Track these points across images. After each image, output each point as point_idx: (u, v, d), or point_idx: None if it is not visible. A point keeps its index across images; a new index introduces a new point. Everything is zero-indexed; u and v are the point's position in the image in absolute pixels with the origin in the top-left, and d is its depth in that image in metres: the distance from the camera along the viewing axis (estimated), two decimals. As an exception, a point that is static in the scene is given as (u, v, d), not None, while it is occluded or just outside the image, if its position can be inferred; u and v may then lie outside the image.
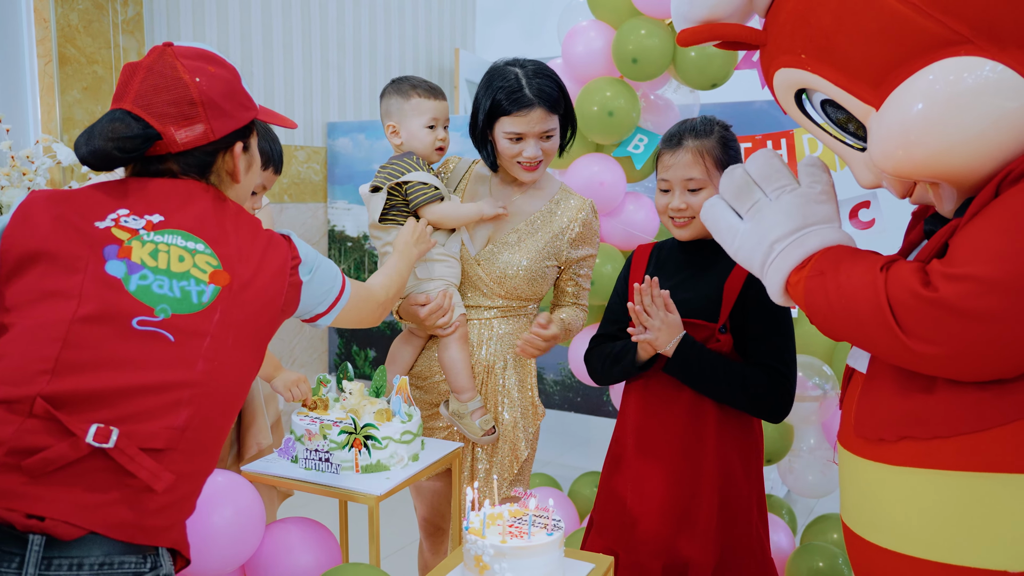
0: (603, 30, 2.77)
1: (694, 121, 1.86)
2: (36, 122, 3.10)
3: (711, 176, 1.80)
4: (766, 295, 1.74)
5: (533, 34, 4.94)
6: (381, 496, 1.58)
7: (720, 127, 1.86)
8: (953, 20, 1.06)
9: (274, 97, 4.05)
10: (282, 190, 4.11)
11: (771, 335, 1.76)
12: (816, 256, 1.23)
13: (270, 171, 2.01)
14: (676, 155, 1.81)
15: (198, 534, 1.59)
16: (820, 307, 1.20)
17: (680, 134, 1.83)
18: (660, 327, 1.72)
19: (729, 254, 1.35)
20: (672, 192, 1.82)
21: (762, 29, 1.29)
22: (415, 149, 2.07)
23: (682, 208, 1.80)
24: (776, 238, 1.26)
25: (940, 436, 1.13)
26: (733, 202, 1.33)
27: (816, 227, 1.25)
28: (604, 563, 1.52)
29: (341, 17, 4.38)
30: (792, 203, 1.27)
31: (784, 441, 2.74)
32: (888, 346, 1.11)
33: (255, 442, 2.03)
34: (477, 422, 2.01)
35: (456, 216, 2.03)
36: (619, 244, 2.91)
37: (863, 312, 1.12)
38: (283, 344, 4.18)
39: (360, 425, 1.66)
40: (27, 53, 3.07)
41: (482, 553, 1.36)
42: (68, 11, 3.06)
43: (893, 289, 1.09)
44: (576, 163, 2.82)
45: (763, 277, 1.31)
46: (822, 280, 1.19)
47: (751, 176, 1.31)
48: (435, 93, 2.07)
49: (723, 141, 1.83)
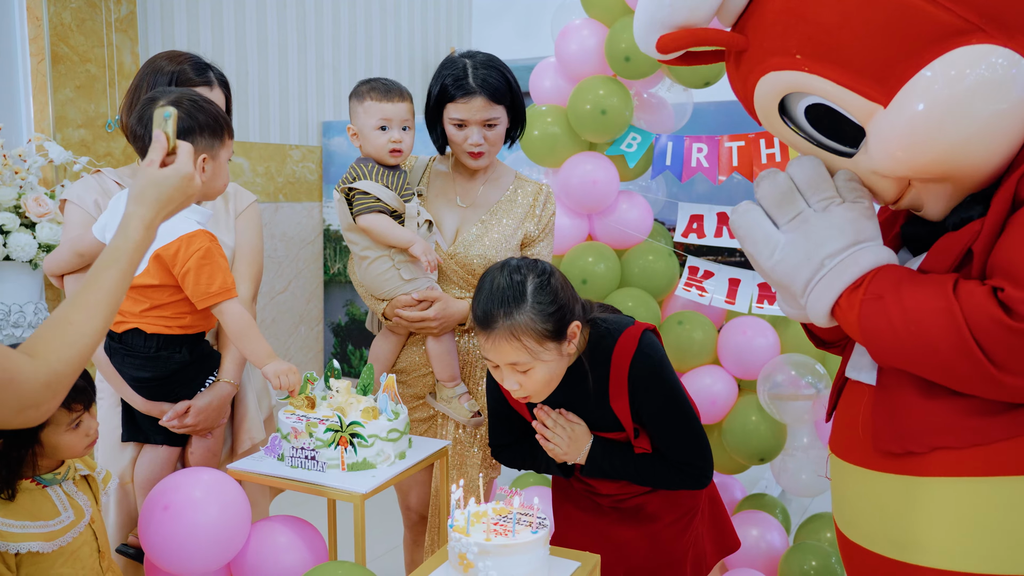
0: (596, 28, 2.77)
1: (501, 284, 1.58)
2: (29, 121, 3.10)
3: (536, 354, 1.57)
4: (651, 398, 1.70)
5: (529, 33, 4.93)
6: (366, 494, 1.58)
7: (533, 285, 1.58)
8: (963, 8, 1.04)
9: (269, 96, 4.05)
10: (277, 189, 4.10)
11: (673, 433, 1.73)
12: (870, 277, 1.14)
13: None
14: (490, 339, 1.57)
15: (183, 532, 1.59)
16: (882, 333, 1.12)
17: (488, 311, 1.57)
18: (569, 444, 1.72)
19: (762, 268, 1.24)
20: (500, 370, 1.62)
21: (735, 33, 1.23)
22: (370, 153, 2.09)
23: (517, 388, 1.62)
24: (828, 254, 1.17)
25: (976, 444, 1.10)
26: (773, 209, 1.22)
27: (868, 244, 1.17)
28: (590, 561, 1.51)
29: (336, 16, 4.38)
30: (844, 217, 1.17)
31: (777, 440, 2.74)
32: (971, 377, 1.06)
33: (248, 437, 2.04)
34: (465, 405, 2.11)
35: (387, 236, 2.04)
36: (613, 243, 2.90)
37: (939, 341, 1.05)
38: (278, 343, 4.17)
39: (346, 423, 1.65)
40: (20, 51, 3.07)
41: (466, 551, 1.36)
42: (61, 9, 3.06)
43: (973, 316, 1.03)
44: (569, 162, 2.81)
45: (804, 295, 1.20)
46: (882, 304, 1.11)
47: (795, 183, 1.22)
48: (389, 95, 2.06)
49: (539, 306, 1.56)
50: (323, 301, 4.41)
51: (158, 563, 1.62)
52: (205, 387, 1.92)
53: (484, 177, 2.22)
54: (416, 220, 2.08)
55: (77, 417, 1.53)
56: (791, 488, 2.86)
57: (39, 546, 1.45)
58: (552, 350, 1.59)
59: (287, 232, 4.16)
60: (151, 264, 1.74)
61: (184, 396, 1.89)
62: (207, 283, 1.73)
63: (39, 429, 1.48)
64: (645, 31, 1.26)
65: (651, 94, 2.90)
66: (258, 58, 3.97)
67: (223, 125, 1.73)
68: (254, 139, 3.98)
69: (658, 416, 1.71)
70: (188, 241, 1.73)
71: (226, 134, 1.75)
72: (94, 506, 1.61)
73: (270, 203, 4.07)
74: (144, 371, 1.84)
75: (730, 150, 2.73)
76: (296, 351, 4.29)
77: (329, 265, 4.36)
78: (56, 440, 1.50)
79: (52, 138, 3.07)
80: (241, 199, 2.12)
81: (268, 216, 4.06)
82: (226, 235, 2.05)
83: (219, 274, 1.75)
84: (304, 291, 4.31)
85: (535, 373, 1.59)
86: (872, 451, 1.22)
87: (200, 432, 1.93)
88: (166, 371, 1.84)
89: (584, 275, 2.75)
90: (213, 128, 1.71)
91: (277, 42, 4.06)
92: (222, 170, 1.75)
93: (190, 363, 1.88)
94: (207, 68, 2.02)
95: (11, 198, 2.80)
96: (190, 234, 1.74)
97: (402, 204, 2.08)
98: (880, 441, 1.20)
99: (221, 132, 1.73)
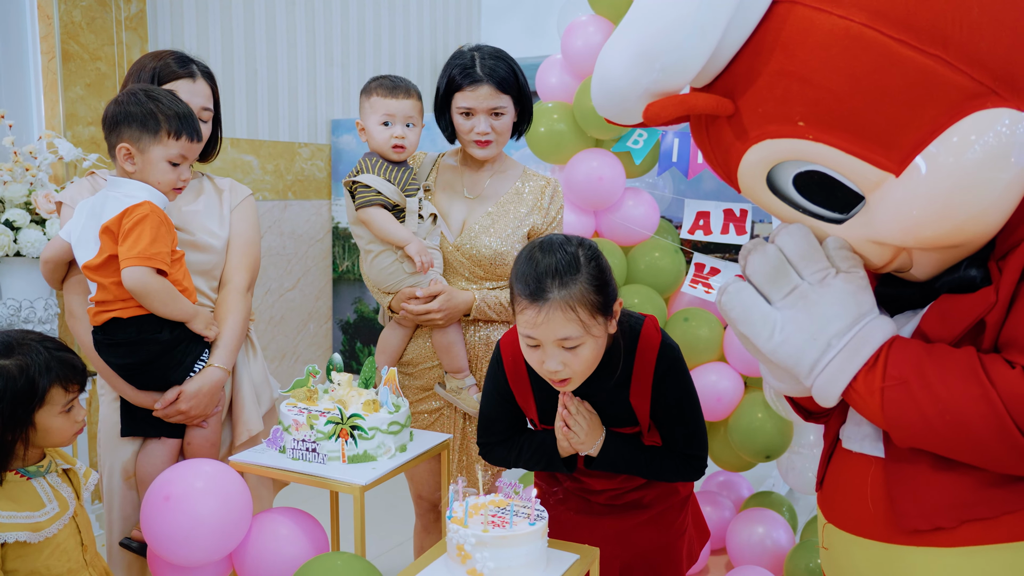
0: (602, 25, 2.77)
1: (555, 257, 1.52)
2: (39, 118, 3.12)
3: (589, 327, 1.51)
4: (671, 390, 1.68)
5: (537, 31, 4.93)
6: (366, 486, 1.58)
7: (586, 257, 1.55)
8: (979, 71, 0.98)
9: (278, 94, 4.07)
10: (286, 187, 4.12)
11: (687, 425, 1.73)
12: (884, 356, 1.08)
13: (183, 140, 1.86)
14: (542, 312, 1.49)
15: (185, 523, 1.60)
16: (911, 422, 1.06)
17: (541, 282, 1.50)
18: (586, 435, 1.69)
19: (760, 351, 1.16)
20: (543, 349, 1.54)
21: (715, 96, 1.10)
22: (375, 148, 2.13)
23: (559, 370, 1.54)
24: (835, 332, 1.09)
25: (1008, 512, 1.07)
26: (765, 286, 1.14)
27: (871, 316, 1.10)
28: (590, 554, 1.51)
29: (345, 14, 4.40)
30: (844, 290, 1.10)
31: (783, 438, 2.73)
32: (1010, 459, 1.03)
33: (245, 429, 2.04)
34: (475, 397, 2.14)
35: (384, 231, 2.07)
36: (619, 240, 2.90)
37: (979, 429, 1.01)
38: (287, 340, 4.19)
39: (347, 416, 1.66)
40: (31, 49, 3.10)
41: (464, 542, 1.36)
42: (71, 8, 3.09)
43: (1013, 402, 0.99)
44: (575, 158, 2.82)
45: (810, 377, 1.12)
46: (908, 391, 1.05)
47: (786, 255, 1.13)
48: (394, 91, 2.10)
49: (592, 277, 1.52)
50: (332, 298, 4.43)
51: (160, 553, 1.63)
52: (195, 372, 1.92)
53: (491, 169, 2.24)
54: (417, 214, 2.10)
55: (72, 399, 1.55)
56: (798, 486, 2.85)
57: (26, 536, 1.46)
58: (601, 325, 1.54)
59: (296, 230, 4.18)
60: (101, 238, 1.77)
61: (174, 382, 1.89)
62: (130, 246, 1.73)
63: (35, 409, 1.50)
64: (620, 98, 1.15)
65: (658, 90, 2.90)
66: (267, 56, 3.99)
67: (158, 122, 1.77)
68: (263, 137, 4.00)
69: (676, 407, 1.70)
70: (131, 209, 1.76)
71: (163, 132, 1.78)
72: (77, 500, 1.62)
73: (279, 201, 4.09)
74: (130, 357, 1.85)
75: (736, 146, 2.72)
76: (305, 348, 4.31)
77: (338, 263, 4.38)
78: (49, 423, 1.51)
79: (62, 135, 3.10)
80: (237, 193, 2.13)
81: (277, 214, 4.08)
82: (219, 228, 2.05)
83: (146, 239, 1.74)
84: (313, 288, 4.32)
85: (583, 351, 1.53)
86: (888, 525, 1.17)
87: (194, 420, 1.93)
88: (151, 354, 1.85)
89: (590, 271, 2.75)
90: (143, 121, 1.76)
91: (286, 40, 4.08)
92: (152, 166, 1.79)
93: (173, 342, 1.87)
94: (189, 61, 2.03)
95: (22, 194, 2.82)
96: (135, 204, 1.77)
97: (403, 198, 2.09)
98: (906, 519, 1.14)
99: (154, 128, 1.77)
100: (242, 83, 3.86)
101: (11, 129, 2.89)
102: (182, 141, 1.81)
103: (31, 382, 1.47)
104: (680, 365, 1.70)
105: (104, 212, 1.79)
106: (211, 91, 2.06)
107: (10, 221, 2.77)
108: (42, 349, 1.51)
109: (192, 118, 1.84)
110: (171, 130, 1.79)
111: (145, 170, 1.80)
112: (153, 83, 1.95)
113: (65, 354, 1.55)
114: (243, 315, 2.02)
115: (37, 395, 1.48)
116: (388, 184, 2.07)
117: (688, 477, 1.77)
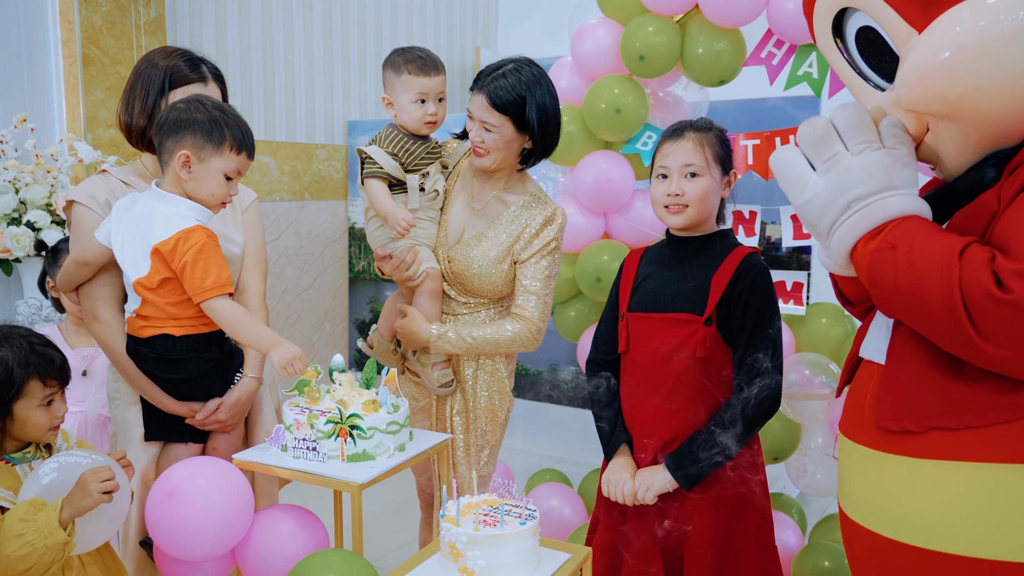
0: (611, 27, 2.78)
1: (695, 119, 1.92)
2: (61, 121, 3.19)
3: (709, 167, 1.84)
4: (754, 287, 1.76)
5: (554, 33, 4.95)
6: (364, 484, 1.61)
7: (718, 127, 1.92)
8: None
9: (295, 96, 4.12)
10: (303, 188, 4.17)
11: (759, 327, 1.77)
12: (891, 226, 1.14)
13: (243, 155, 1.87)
14: (678, 143, 1.85)
15: (188, 518, 1.63)
16: (886, 283, 1.13)
17: (681, 128, 1.89)
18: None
19: (794, 206, 1.25)
20: (670, 179, 1.85)
21: None
22: (404, 123, 2.14)
23: (679, 194, 1.83)
24: (856, 196, 1.16)
25: (971, 426, 1.11)
26: (810, 151, 1.22)
27: (899, 191, 1.15)
28: (581, 553, 1.53)
29: (362, 16, 4.44)
30: (878, 161, 1.16)
31: (791, 440, 2.72)
32: (954, 340, 1.07)
33: (263, 431, 2.08)
34: (436, 373, 2.15)
35: (374, 201, 2.11)
36: (628, 241, 2.91)
37: (933, 301, 1.06)
38: (303, 339, 4.24)
39: (346, 415, 1.69)
40: (52, 54, 3.17)
41: (456, 540, 1.39)
42: (92, 13, 3.15)
43: (968, 284, 1.03)
44: (585, 160, 2.83)
45: (827, 236, 1.21)
46: (892, 255, 1.11)
47: (835, 126, 1.20)
48: (425, 70, 2.11)
49: (721, 138, 1.89)
50: (348, 298, 4.47)
51: (164, 548, 1.68)
52: (234, 383, 1.96)
53: (498, 186, 2.20)
54: (418, 189, 2.13)
55: (51, 394, 1.58)
56: (808, 489, 2.84)
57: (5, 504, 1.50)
58: (718, 172, 1.85)
59: (313, 230, 4.23)
60: (152, 259, 1.77)
61: (216, 394, 1.93)
62: (201, 277, 1.75)
63: (13, 400, 1.54)
64: None
65: (667, 92, 2.90)
66: (285, 59, 4.04)
67: (223, 133, 1.75)
68: (280, 138, 4.05)
69: (754, 305, 1.78)
70: (186, 236, 1.76)
71: (226, 145, 1.76)
72: None
73: (296, 201, 4.14)
74: (177, 373, 1.87)
75: (745, 148, 2.72)
76: (321, 347, 4.36)
77: (354, 263, 4.42)
78: (26, 415, 1.55)
79: (83, 138, 3.17)
80: (244, 197, 2.15)
81: (294, 214, 4.13)
82: (235, 234, 2.08)
83: (214, 268, 1.77)
84: (329, 288, 4.37)
85: (700, 181, 1.83)
86: (875, 430, 1.23)
87: (227, 428, 1.97)
88: (199, 371, 1.89)
89: (599, 273, 2.76)
90: (209, 130, 1.74)
91: (303, 43, 4.13)
92: (208, 178, 1.77)
93: (222, 360, 1.92)
94: (200, 62, 2.01)
95: (43, 196, 2.89)
96: (188, 229, 1.76)
97: (403, 175, 2.12)
98: (880, 418, 1.21)
99: (219, 138, 1.75)
100: (260, 85, 3.92)
101: (33, 132, 2.96)
102: (242, 156, 1.80)
103: (9, 373, 1.52)
104: (765, 279, 1.82)
105: (152, 229, 1.77)
106: (221, 93, 2.05)
107: (32, 222, 2.84)
108: (25, 343, 1.56)
109: (251, 136, 1.83)
110: (234, 144, 1.77)
111: (200, 180, 1.77)
112: (165, 87, 1.94)
113: (48, 350, 1.59)
114: (266, 322, 2.04)
115: (14, 386, 1.53)
116: (391, 160, 2.10)
117: (766, 414, 1.79)
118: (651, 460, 1.84)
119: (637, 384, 1.86)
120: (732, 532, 1.83)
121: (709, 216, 1.88)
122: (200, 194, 1.80)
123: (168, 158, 1.78)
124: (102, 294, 1.94)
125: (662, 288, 1.86)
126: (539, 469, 3.11)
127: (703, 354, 1.78)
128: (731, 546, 1.83)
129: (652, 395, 1.83)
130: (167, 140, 1.77)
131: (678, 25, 2.64)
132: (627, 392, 1.90)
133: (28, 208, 2.88)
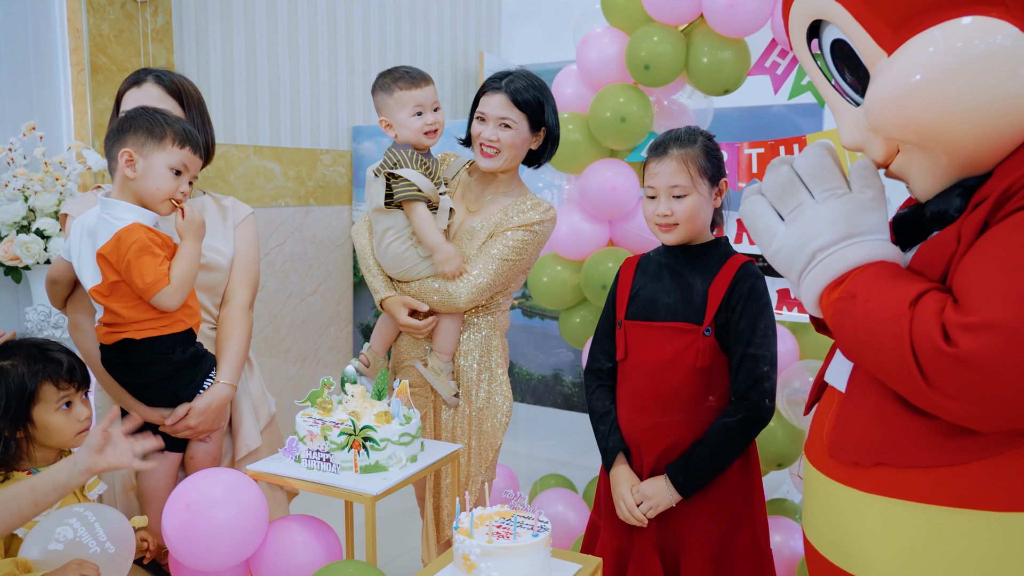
0: (616, 36, 2.79)
1: (679, 131, 1.92)
2: (69, 129, 3.20)
3: (695, 184, 1.85)
4: (750, 295, 1.79)
5: (557, 37, 4.97)
6: (377, 496, 1.63)
7: (704, 137, 1.92)
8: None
9: (300, 101, 4.14)
10: (308, 193, 4.19)
11: (755, 335, 1.80)
12: (854, 275, 1.13)
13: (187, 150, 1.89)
14: (662, 163, 1.86)
15: (203, 530, 1.66)
16: (846, 333, 1.12)
17: (665, 143, 1.90)
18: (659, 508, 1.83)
19: (766, 257, 1.27)
20: (658, 199, 1.87)
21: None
22: (407, 139, 2.17)
23: (668, 214, 1.85)
24: (819, 246, 1.16)
25: (918, 466, 1.11)
26: (776, 201, 1.23)
27: (862, 238, 1.14)
28: (591, 564, 1.55)
29: (366, 22, 4.46)
30: (840, 209, 1.15)
31: (795, 446, 2.74)
32: (908, 391, 1.06)
33: (244, 444, 2.08)
34: (452, 383, 2.21)
35: (422, 229, 2.14)
36: (633, 248, 2.93)
37: (886, 353, 1.06)
38: (308, 344, 4.26)
39: (359, 427, 1.71)
40: (60, 62, 3.18)
41: (469, 552, 1.41)
42: (100, 21, 3.17)
43: (918, 337, 1.02)
44: (590, 168, 2.85)
45: (798, 287, 1.22)
46: (851, 304, 1.11)
47: (798, 174, 1.21)
48: (416, 82, 2.15)
49: (706, 150, 1.89)
50: (352, 303, 4.49)
51: (181, 559, 1.70)
52: (204, 389, 1.95)
53: (495, 189, 2.27)
54: (448, 211, 2.17)
55: (66, 396, 1.61)
56: (811, 493, 2.86)
57: (23, 532, 1.52)
58: (706, 187, 1.86)
59: (317, 235, 4.25)
60: (99, 264, 1.79)
61: (184, 399, 1.92)
62: (142, 275, 1.76)
63: (30, 406, 1.56)
64: None
65: (672, 101, 2.92)
66: (289, 65, 4.06)
67: (164, 130, 1.80)
68: (285, 144, 4.07)
69: (750, 312, 1.81)
70: (125, 235, 1.76)
71: (168, 140, 1.80)
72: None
73: (300, 206, 4.16)
74: (142, 377, 1.88)
75: (750, 157, 2.74)
76: (326, 352, 4.38)
77: (359, 267, 4.45)
78: (47, 419, 1.58)
79: (91, 146, 3.18)
80: (239, 211, 2.18)
81: (299, 219, 4.15)
82: (223, 245, 2.10)
83: (152, 262, 1.77)
84: (334, 293, 4.39)
85: (688, 201, 1.84)
86: (829, 458, 1.23)
87: (200, 435, 1.97)
88: (165, 373, 1.88)
89: (604, 280, 2.78)
90: (149, 128, 1.79)
91: (308, 49, 4.15)
92: (153, 172, 1.79)
93: (185, 362, 1.91)
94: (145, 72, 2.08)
95: (52, 204, 2.91)
96: (125, 228, 1.77)
97: (437, 196, 2.16)
98: (833, 448, 1.21)
99: (160, 134, 1.79)
100: (265, 91, 3.94)
101: (42, 140, 2.98)
102: (186, 151, 1.83)
103: (20, 379, 1.56)
104: (761, 287, 1.85)
105: (97, 236, 1.80)
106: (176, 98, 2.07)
107: (40, 230, 2.85)
108: (35, 350, 1.60)
109: (196, 135, 1.88)
110: (176, 138, 1.81)
111: (146, 176, 1.80)
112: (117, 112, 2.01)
113: (54, 353, 1.62)
114: (247, 332, 2.07)
115: (27, 390, 1.56)
116: (427, 181, 2.13)
117: (751, 429, 1.81)
118: (650, 469, 1.87)
119: (636, 392, 1.89)
120: (729, 538, 1.86)
121: (702, 230, 1.91)
122: (146, 190, 1.81)
123: (114, 164, 1.83)
124: (83, 305, 2.00)
125: (659, 297, 1.89)
126: (543, 474, 3.13)
127: (703, 364, 1.81)
128: (728, 551, 1.86)
129: (651, 403, 1.86)
130: (112, 148, 1.83)
131: (683, 34, 2.66)
132: (626, 400, 1.93)
133: (37, 216, 2.89)
